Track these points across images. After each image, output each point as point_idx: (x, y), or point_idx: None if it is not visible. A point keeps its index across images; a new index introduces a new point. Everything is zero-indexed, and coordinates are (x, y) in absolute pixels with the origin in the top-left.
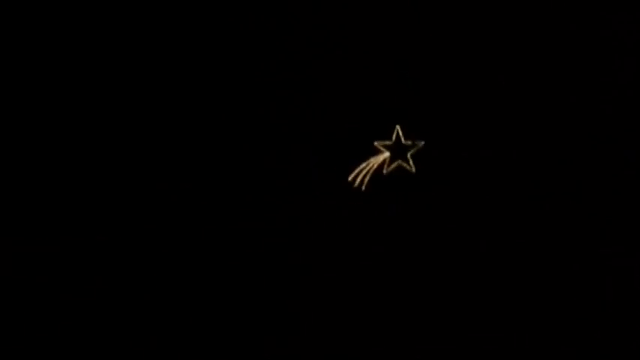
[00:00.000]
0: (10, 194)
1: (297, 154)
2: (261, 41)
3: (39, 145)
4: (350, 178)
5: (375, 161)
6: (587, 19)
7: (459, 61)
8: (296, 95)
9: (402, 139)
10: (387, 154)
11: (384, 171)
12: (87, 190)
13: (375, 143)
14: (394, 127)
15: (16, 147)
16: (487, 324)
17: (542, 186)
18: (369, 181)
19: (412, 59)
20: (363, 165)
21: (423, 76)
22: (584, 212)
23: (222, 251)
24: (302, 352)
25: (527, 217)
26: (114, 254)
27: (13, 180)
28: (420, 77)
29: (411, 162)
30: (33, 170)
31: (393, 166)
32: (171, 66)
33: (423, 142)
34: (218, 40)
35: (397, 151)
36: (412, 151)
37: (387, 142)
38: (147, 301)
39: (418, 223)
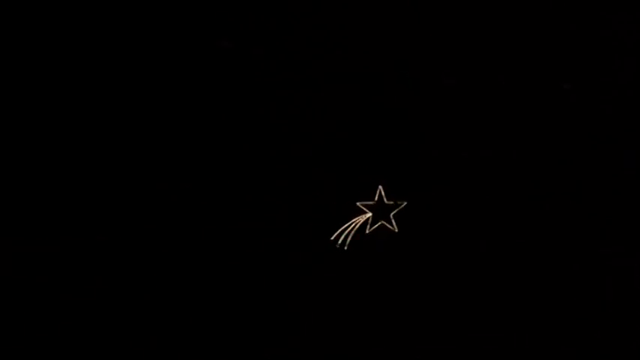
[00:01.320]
0: (10, 194)
1: (282, 212)
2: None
3: (39, 145)
4: (333, 238)
5: (358, 221)
6: (587, 19)
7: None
8: (280, 156)
9: (385, 200)
10: (369, 214)
11: (367, 230)
12: (87, 190)
13: (358, 204)
14: (376, 188)
15: (16, 147)
16: (486, 330)
17: (542, 186)
18: (351, 240)
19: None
20: (346, 225)
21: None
22: (584, 212)
23: (220, 255)
24: None
25: (527, 218)
26: (114, 254)
27: (13, 180)
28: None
29: (393, 222)
30: (33, 170)
31: (376, 225)
32: (171, 68)
33: (405, 203)
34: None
35: (380, 211)
36: (395, 211)
37: (370, 203)
38: (147, 300)
39: (400, 281)
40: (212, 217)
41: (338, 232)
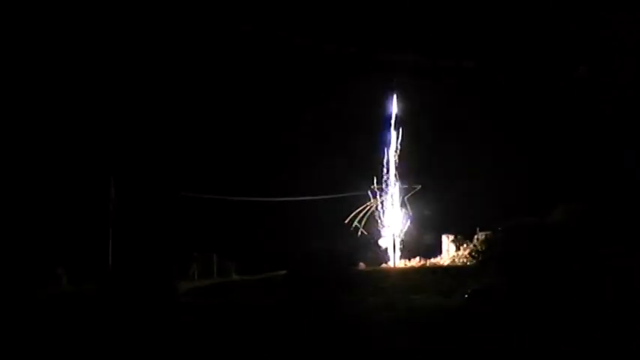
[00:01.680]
0: (10, 195)
1: (283, 211)
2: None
3: (39, 147)
4: (347, 221)
5: (372, 204)
6: (587, 19)
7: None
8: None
9: (399, 183)
10: (384, 197)
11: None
12: (87, 191)
13: (372, 187)
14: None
15: (17, 149)
16: (486, 323)
17: (542, 187)
18: (365, 223)
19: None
20: (360, 208)
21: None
22: (585, 212)
23: (220, 254)
24: None
25: (526, 218)
26: (114, 254)
27: (14, 181)
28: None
29: (408, 205)
30: (33, 172)
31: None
32: (171, 68)
33: (419, 186)
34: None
35: (394, 194)
36: (409, 195)
37: (384, 186)
38: (147, 300)
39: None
40: (212, 216)
41: (352, 215)
